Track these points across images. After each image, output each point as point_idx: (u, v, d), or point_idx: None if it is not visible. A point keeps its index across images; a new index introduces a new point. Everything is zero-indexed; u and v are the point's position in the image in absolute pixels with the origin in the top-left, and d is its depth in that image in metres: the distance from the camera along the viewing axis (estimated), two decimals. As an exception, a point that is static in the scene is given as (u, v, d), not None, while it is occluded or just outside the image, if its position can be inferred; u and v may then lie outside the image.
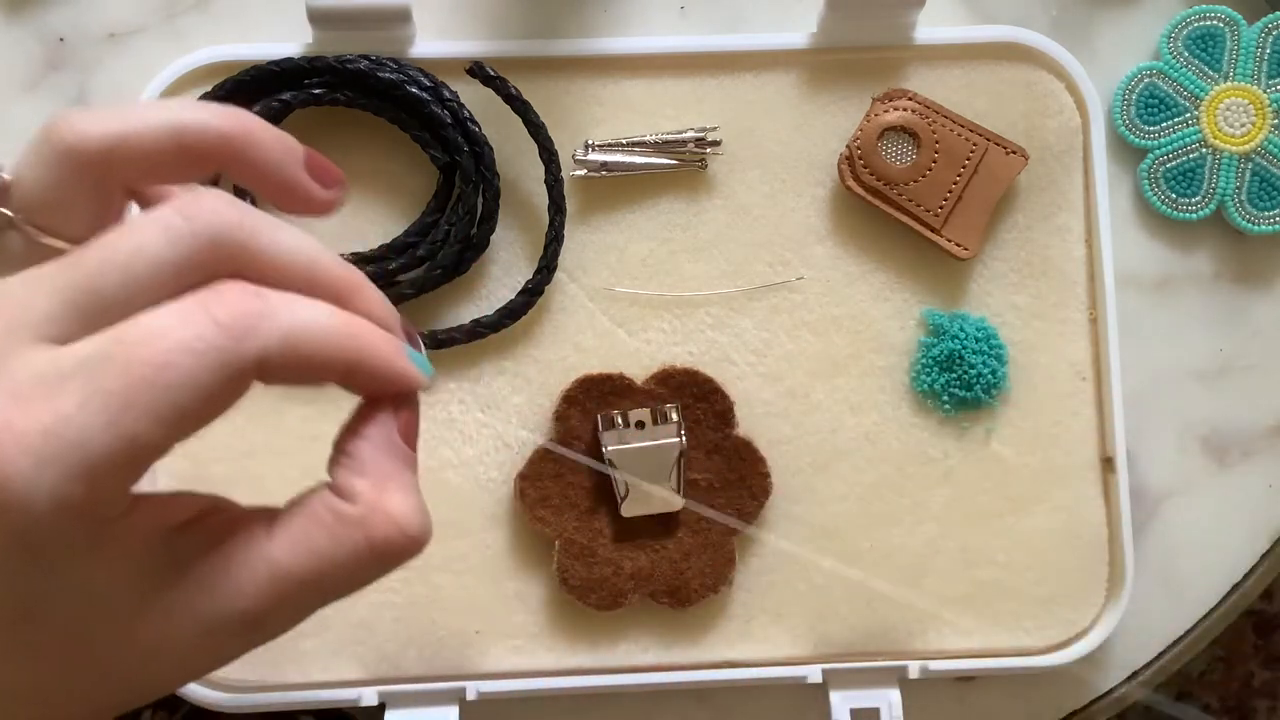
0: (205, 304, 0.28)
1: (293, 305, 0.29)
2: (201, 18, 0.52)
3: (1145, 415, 0.53)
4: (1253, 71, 0.52)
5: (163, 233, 0.28)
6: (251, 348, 0.28)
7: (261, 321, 0.28)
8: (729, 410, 0.50)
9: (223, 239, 0.29)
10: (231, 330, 0.28)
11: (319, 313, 0.30)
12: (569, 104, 0.51)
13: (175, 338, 0.27)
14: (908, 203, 0.50)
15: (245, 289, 0.28)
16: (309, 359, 0.29)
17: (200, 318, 0.27)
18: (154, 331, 0.27)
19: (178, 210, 0.29)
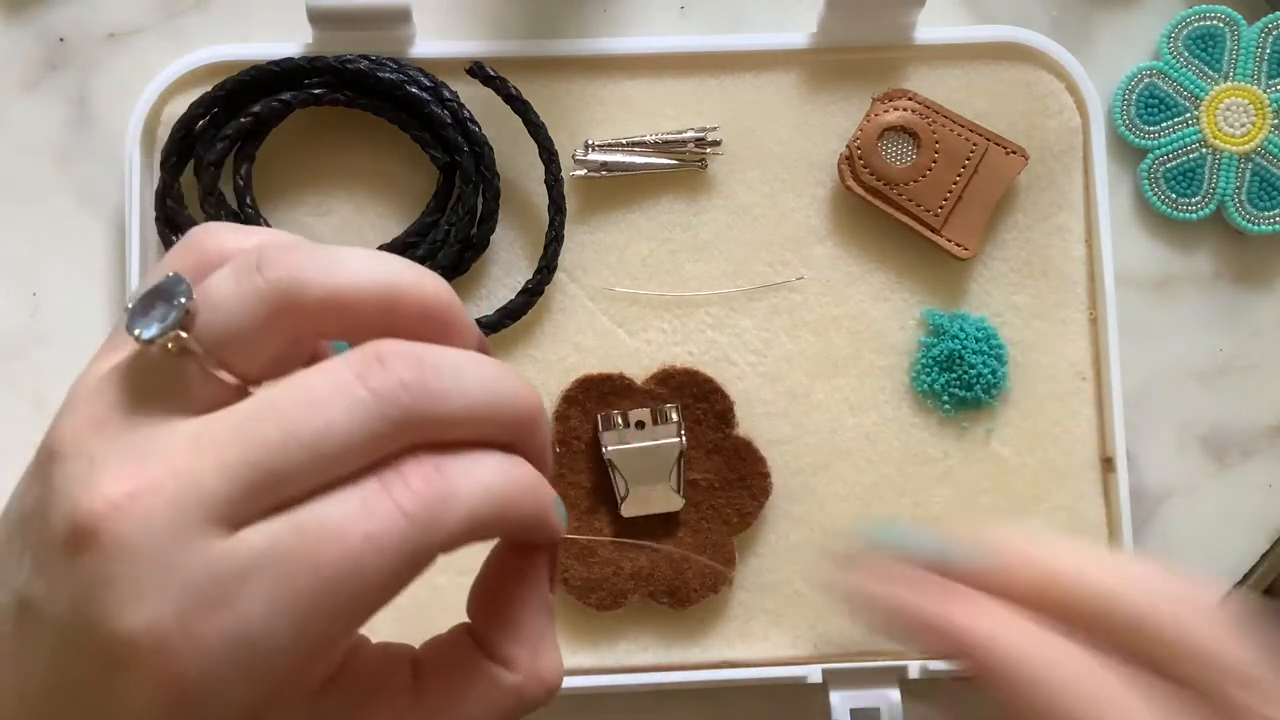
0: (391, 492, 0.26)
1: (472, 475, 0.27)
2: (201, 18, 0.52)
3: (1145, 415, 0.53)
4: (1253, 71, 0.52)
5: (350, 409, 0.26)
6: (439, 536, 0.26)
7: (447, 507, 0.26)
8: (729, 410, 0.50)
9: (413, 415, 0.26)
10: (419, 520, 0.26)
11: (494, 469, 0.28)
12: (569, 104, 0.51)
13: (362, 533, 0.25)
14: (908, 203, 0.50)
15: (429, 470, 0.26)
16: (489, 530, 0.28)
17: (387, 510, 0.26)
18: (340, 527, 0.25)
19: (363, 381, 0.26)
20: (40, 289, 0.51)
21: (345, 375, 0.26)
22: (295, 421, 0.26)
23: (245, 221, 0.49)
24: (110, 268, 0.51)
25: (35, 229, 0.51)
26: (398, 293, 0.28)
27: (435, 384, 0.27)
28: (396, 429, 0.26)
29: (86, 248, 0.51)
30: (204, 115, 0.48)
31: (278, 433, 0.26)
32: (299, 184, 0.50)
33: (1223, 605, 0.29)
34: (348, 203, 0.50)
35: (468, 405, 0.27)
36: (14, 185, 0.51)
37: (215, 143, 0.48)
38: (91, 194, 0.51)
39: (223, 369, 0.27)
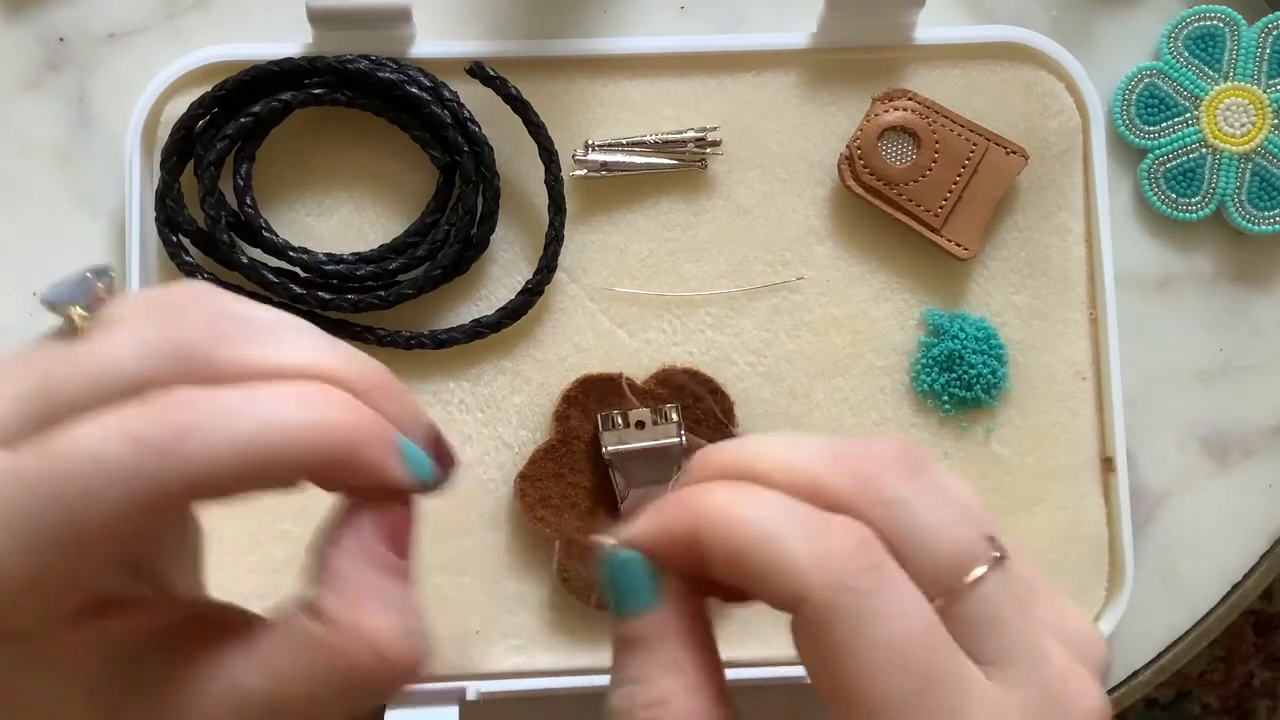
0: (126, 420, 0.25)
1: (238, 408, 0.25)
2: (201, 18, 0.52)
3: (1145, 415, 0.53)
4: (1253, 71, 0.52)
5: (129, 342, 0.26)
6: (177, 466, 0.25)
7: (186, 439, 0.25)
8: (729, 410, 0.50)
9: (188, 349, 0.26)
10: (150, 449, 0.24)
11: (272, 408, 0.26)
12: (569, 104, 0.51)
13: (86, 453, 0.24)
14: (908, 203, 0.50)
15: (175, 399, 0.25)
16: (259, 466, 0.25)
17: (117, 435, 0.25)
18: (66, 445, 0.24)
19: (150, 314, 0.26)
20: (40, 289, 0.51)
21: (140, 325, 0.26)
22: (79, 354, 0.26)
23: (245, 221, 0.49)
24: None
25: (35, 229, 0.51)
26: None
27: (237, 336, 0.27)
28: (167, 364, 0.26)
29: (86, 248, 0.51)
30: (204, 115, 0.48)
31: (62, 362, 0.26)
32: (299, 184, 0.50)
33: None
34: (348, 203, 0.50)
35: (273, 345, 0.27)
36: (14, 185, 0.51)
37: (215, 143, 0.48)
38: (91, 194, 0.51)
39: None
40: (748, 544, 0.28)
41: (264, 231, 0.49)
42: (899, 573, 0.28)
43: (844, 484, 0.29)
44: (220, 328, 0.26)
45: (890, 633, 0.27)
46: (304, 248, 0.49)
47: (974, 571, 0.29)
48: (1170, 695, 1.07)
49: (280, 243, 0.49)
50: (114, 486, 0.24)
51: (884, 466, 0.29)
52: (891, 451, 0.29)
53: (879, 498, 0.28)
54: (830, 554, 0.27)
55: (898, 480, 0.29)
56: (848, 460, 0.29)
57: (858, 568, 0.27)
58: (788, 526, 0.28)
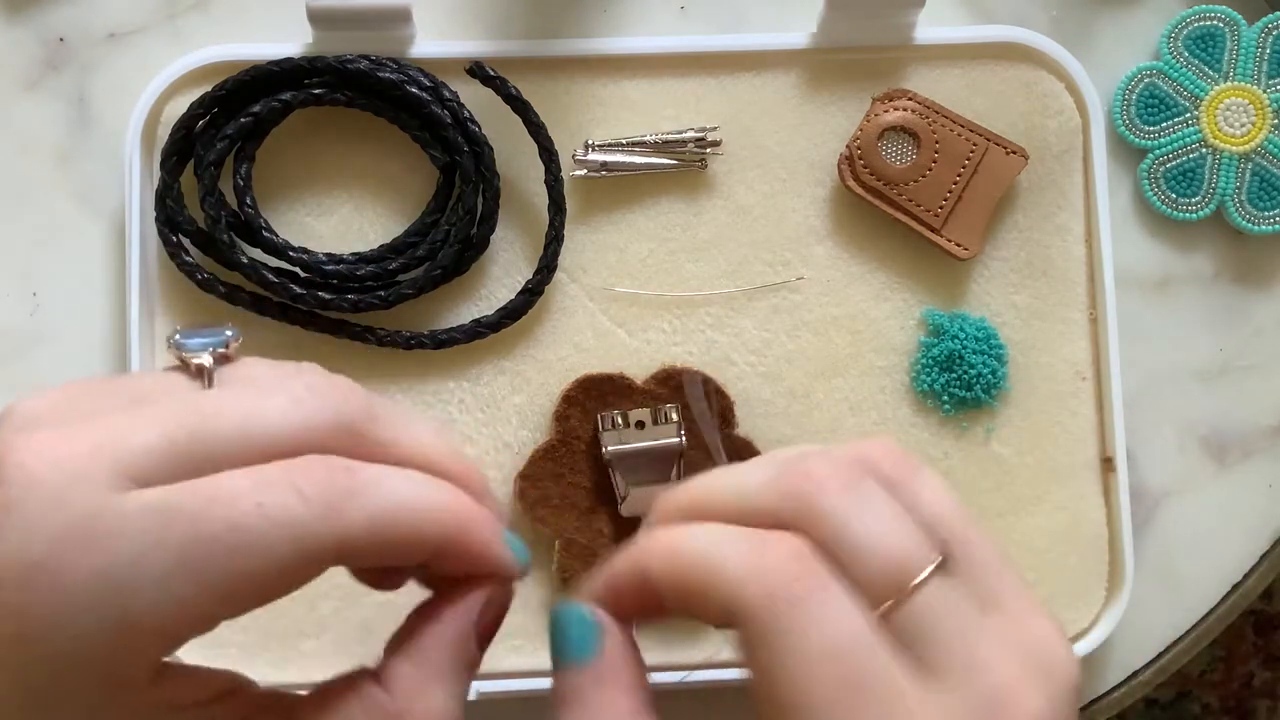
0: (290, 472, 0.26)
1: (386, 480, 0.27)
2: (201, 18, 0.52)
3: (1145, 415, 0.53)
4: (1253, 71, 0.52)
5: (289, 403, 0.27)
6: (335, 526, 0.26)
7: (350, 499, 0.26)
8: (729, 410, 0.50)
9: (345, 422, 0.27)
10: (314, 503, 0.25)
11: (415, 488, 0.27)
12: (569, 104, 0.51)
13: (254, 501, 0.25)
14: (908, 203, 0.50)
15: (336, 462, 0.26)
16: (398, 539, 0.27)
17: (283, 485, 0.25)
18: (232, 489, 0.25)
19: (309, 386, 0.27)
20: (40, 289, 0.51)
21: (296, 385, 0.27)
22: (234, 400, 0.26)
23: (245, 221, 0.49)
24: (110, 268, 0.51)
25: (35, 229, 0.51)
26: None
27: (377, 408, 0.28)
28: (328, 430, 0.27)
29: (86, 248, 0.51)
30: (204, 115, 0.48)
31: (213, 407, 0.26)
32: (299, 184, 0.50)
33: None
34: (348, 203, 0.50)
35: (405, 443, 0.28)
36: (14, 185, 0.51)
37: (215, 143, 0.48)
38: (91, 194, 0.51)
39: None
40: (687, 567, 0.29)
41: (264, 231, 0.49)
42: (833, 582, 0.28)
43: (781, 504, 0.29)
44: (370, 410, 0.28)
45: (819, 640, 0.27)
46: (304, 248, 0.49)
47: (911, 579, 0.29)
48: (1170, 695, 1.07)
49: (280, 243, 0.49)
50: (276, 538, 0.25)
51: (819, 483, 0.29)
52: (827, 467, 0.30)
53: (815, 512, 0.29)
54: (764, 566, 0.28)
55: (834, 495, 0.29)
56: (786, 480, 0.30)
57: (789, 578, 0.28)
58: (724, 545, 0.29)
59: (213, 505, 0.25)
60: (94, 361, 0.51)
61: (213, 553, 0.24)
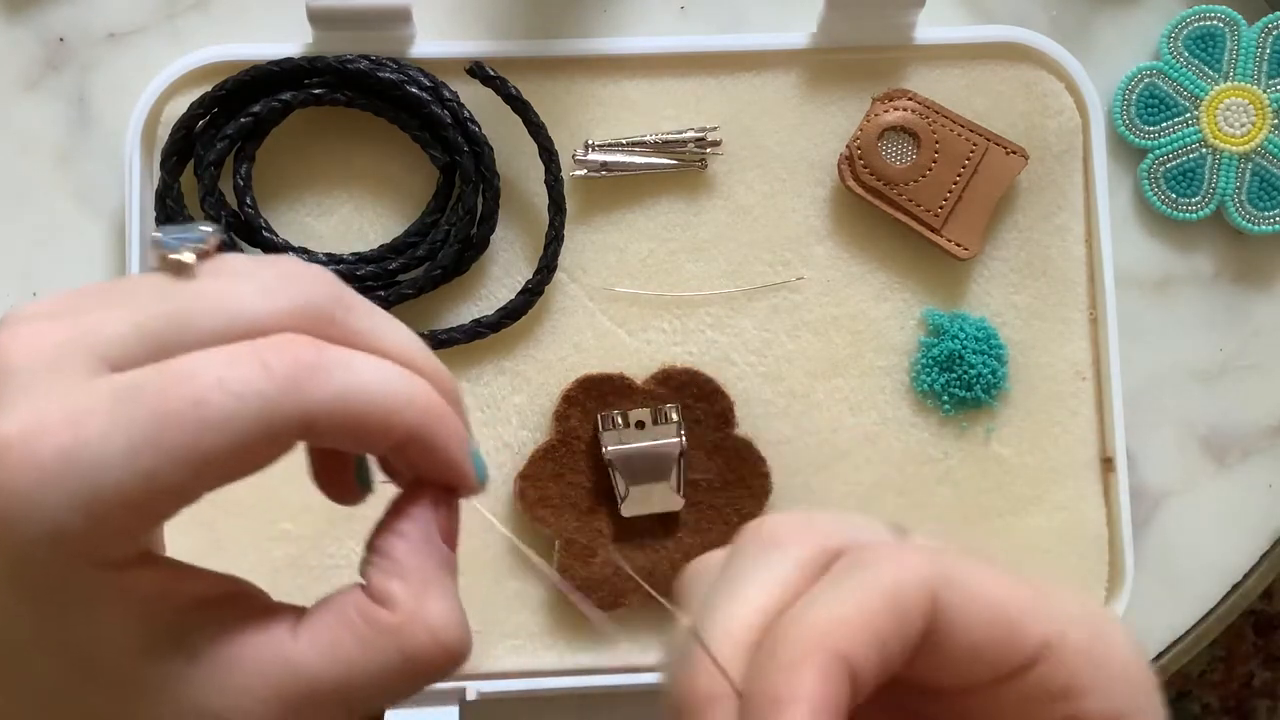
0: (258, 348, 0.26)
1: (354, 361, 0.27)
2: (201, 18, 0.52)
3: (1145, 415, 0.53)
4: (1253, 71, 0.52)
5: (260, 289, 0.27)
6: (300, 400, 0.25)
7: (315, 374, 0.26)
8: (729, 410, 0.50)
9: (316, 309, 0.27)
10: (279, 378, 0.25)
11: (384, 372, 0.27)
12: (569, 104, 0.51)
13: (216, 376, 0.25)
14: (908, 203, 0.50)
15: (304, 340, 0.26)
16: (363, 420, 0.27)
17: (249, 360, 0.25)
18: (197, 367, 0.25)
19: (282, 273, 0.27)
20: (40, 289, 0.51)
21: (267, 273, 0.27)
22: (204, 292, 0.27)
23: (245, 221, 0.49)
24: (110, 268, 0.51)
25: (35, 229, 0.51)
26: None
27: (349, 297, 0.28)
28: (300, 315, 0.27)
29: (86, 248, 0.51)
30: (204, 115, 0.48)
31: (186, 297, 0.26)
32: (299, 184, 0.50)
33: None
34: (348, 203, 0.50)
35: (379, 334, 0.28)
36: (14, 185, 0.51)
37: (215, 143, 0.48)
38: (91, 194, 0.51)
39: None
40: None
41: (264, 231, 0.49)
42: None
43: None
44: (343, 299, 0.28)
45: None
46: (304, 248, 0.49)
47: None
48: (1170, 695, 1.07)
49: (280, 243, 0.49)
50: (241, 410, 0.25)
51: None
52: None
53: None
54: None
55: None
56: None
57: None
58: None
59: (177, 382, 0.25)
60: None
61: (177, 426, 0.25)
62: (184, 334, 0.26)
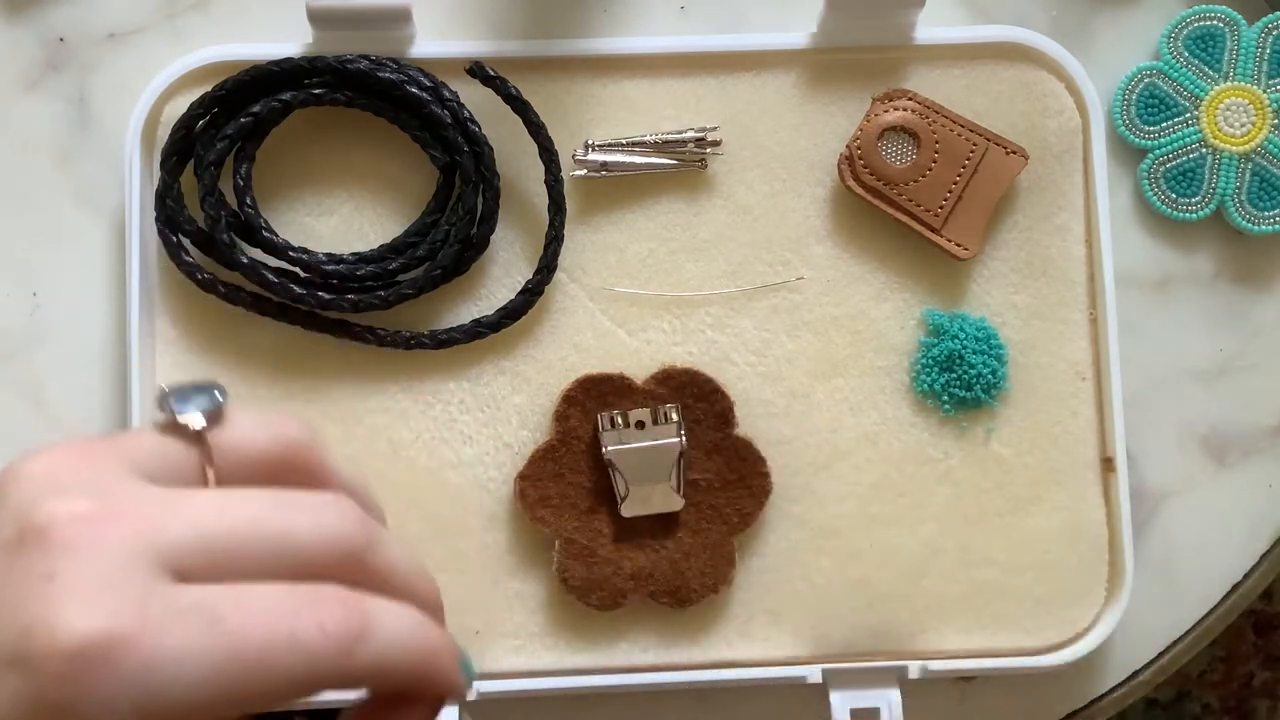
0: (316, 606, 0.28)
1: (387, 619, 0.29)
2: (201, 18, 0.52)
3: (1145, 415, 0.53)
4: (1253, 71, 0.52)
5: (313, 526, 0.29)
6: (346, 665, 0.28)
7: (360, 643, 0.28)
8: (729, 410, 0.50)
9: (354, 550, 0.29)
10: (332, 642, 0.27)
11: (409, 626, 0.29)
12: (569, 104, 0.51)
13: (289, 630, 0.27)
14: (908, 203, 0.50)
15: (351, 600, 0.28)
16: (395, 676, 0.29)
17: (314, 622, 0.27)
18: (273, 614, 0.27)
19: (338, 508, 0.29)
20: (40, 289, 0.51)
21: (326, 503, 0.29)
22: (268, 514, 0.28)
23: (245, 221, 0.49)
24: (110, 268, 0.51)
25: (35, 229, 0.51)
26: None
27: (376, 536, 0.30)
28: (342, 558, 0.29)
29: (86, 248, 0.51)
30: (204, 115, 0.48)
31: (249, 516, 0.28)
32: (299, 184, 0.50)
33: None
34: (348, 203, 0.50)
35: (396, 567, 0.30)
36: (14, 185, 0.51)
37: (215, 143, 0.48)
38: (91, 194, 0.51)
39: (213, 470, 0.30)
40: None
41: (264, 231, 0.49)
42: None
43: None
44: (373, 537, 0.30)
45: None
46: (304, 248, 0.49)
47: None
48: (1170, 695, 1.06)
49: (280, 243, 0.49)
50: (296, 666, 0.27)
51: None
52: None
53: None
54: None
55: None
56: None
57: None
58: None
59: (254, 621, 0.27)
60: (94, 361, 0.51)
61: (246, 670, 0.26)
62: (244, 560, 0.28)
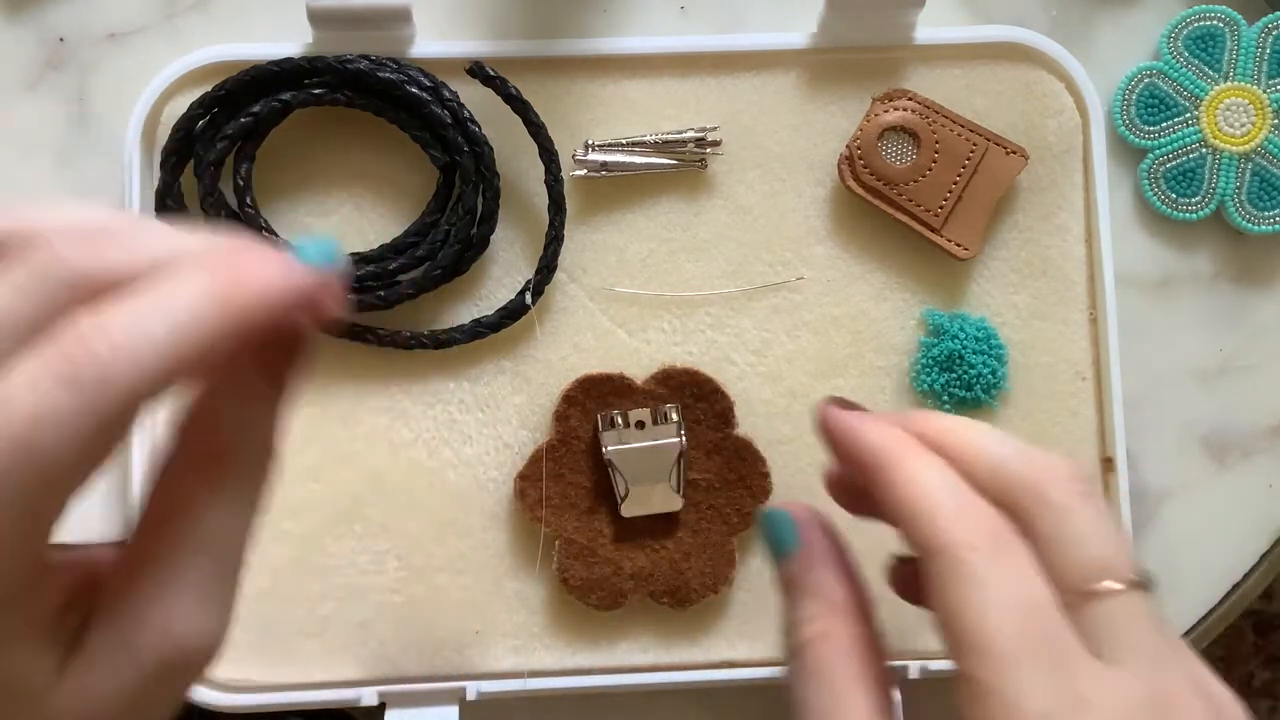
0: (49, 363, 0.25)
1: (144, 319, 0.26)
2: (201, 18, 0.52)
3: (1145, 415, 0.53)
4: (1253, 71, 0.52)
5: (16, 291, 0.26)
6: (112, 393, 0.25)
7: (117, 364, 0.25)
8: (729, 410, 0.50)
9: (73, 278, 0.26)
10: (80, 385, 0.25)
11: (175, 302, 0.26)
12: (569, 104, 0.51)
13: (27, 414, 0.24)
14: (908, 203, 0.50)
15: (83, 332, 0.25)
16: (191, 357, 0.26)
17: (47, 382, 0.25)
18: (9, 405, 0.24)
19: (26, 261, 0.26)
20: None
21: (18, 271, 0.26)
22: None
23: (245, 222, 0.49)
24: (110, 268, 0.51)
25: (35, 229, 0.51)
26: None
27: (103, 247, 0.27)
28: (62, 293, 0.26)
29: (86, 248, 0.51)
30: (204, 115, 0.48)
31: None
32: (299, 184, 0.50)
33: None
34: (348, 203, 0.50)
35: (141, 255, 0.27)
36: (14, 185, 0.51)
37: (215, 143, 0.48)
38: (91, 194, 0.51)
39: None
40: (913, 494, 0.33)
41: (264, 231, 0.49)
42: (1026, 555, 0.32)
43: (1021, 476, 0.34)
44: (87, 245, 0.27)
45: (1009, 591, 0.31)
46: (304, 248, 0.49)
47: (1108, 583, 0.32)
48: (1170, 695, 1.06)
49: (280, 243, 0.49)
50: (63, 434, 0.25)
51: (1059, 476, 0.34)
52: (1069, 468, 0.34)
53: (1045, 499, 0.33)
54: (971, 522, 0.32)
55: (1066, 491, 0.33)
56: (1030, 461, 0.34)
57: (990, 538, 0.32)
58: (947, 494, 0.33)
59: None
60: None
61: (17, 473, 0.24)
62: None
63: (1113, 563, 0.32)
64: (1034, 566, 0.32)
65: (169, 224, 0.28)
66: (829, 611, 0.36)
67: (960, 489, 0.33)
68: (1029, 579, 0.31)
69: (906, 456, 0.34)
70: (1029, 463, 0.34)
